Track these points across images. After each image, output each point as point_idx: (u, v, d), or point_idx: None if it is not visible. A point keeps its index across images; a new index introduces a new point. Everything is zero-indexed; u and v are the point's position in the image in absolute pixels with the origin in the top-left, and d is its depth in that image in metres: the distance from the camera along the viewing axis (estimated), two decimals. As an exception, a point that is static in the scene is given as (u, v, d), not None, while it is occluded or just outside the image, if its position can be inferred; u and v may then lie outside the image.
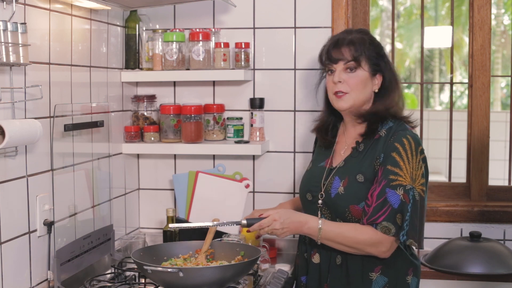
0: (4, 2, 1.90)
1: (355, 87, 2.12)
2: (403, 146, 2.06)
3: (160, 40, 2.76)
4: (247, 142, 2.75)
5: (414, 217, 2.03)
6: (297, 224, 2.06)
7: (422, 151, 2.09)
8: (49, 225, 2.14)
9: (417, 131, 2.20)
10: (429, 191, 2.94)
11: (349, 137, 2.22)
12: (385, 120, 2.14)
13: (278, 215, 2.05)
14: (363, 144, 2.15)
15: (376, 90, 2.16)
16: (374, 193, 2.04)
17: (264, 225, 2.05)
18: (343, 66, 2.13)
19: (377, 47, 2.17)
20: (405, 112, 2.19)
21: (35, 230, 2.11)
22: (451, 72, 3.31)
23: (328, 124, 2.28)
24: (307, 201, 2.23)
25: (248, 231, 2.14)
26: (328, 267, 2.14)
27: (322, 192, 2.16)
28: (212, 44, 2.75)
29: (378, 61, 2.14)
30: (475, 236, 2.65)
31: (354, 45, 2.12)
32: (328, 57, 2.16)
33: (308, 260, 2.20)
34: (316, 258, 2.17)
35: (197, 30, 2.75)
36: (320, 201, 2.16)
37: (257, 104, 2.79)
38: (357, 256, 2.08)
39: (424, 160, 2.09)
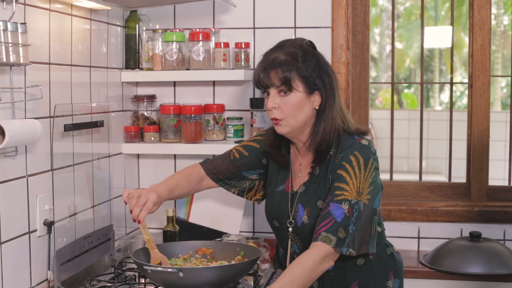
0: (4, 2, 1.90)
1: (289, 113, 1.98)
2: (350, 163, 1.96)
3: (160, 40, 2.76)
4: (247, 142, 2.75)
5: (358, 229, 1.93)
6: None
7: (372, 163, 1.98)
8: (49, 225, 2.14)
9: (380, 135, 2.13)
10: (429, 191, 2.98)
11: (303, 156, 2.12)
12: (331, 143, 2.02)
13: None
14: (318, 167, 2.06)
15: (317, 107, 2.01)
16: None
17: None
18: (276, 90, 1.98)
19: (313, 60, 1.99)
20: (351, 125, 2.05)
21: (35, 230, 2.11)
22: (451, 72, 3.31)
23: (280, 141, 2.12)
24: (275, 227, 2.16)
25: None
26: None
27: (291, 219, 2.08)
28: (212, 44, 2.75)
29: (314, 79, 1.98)
30: (475, 236, 2.65)
31: (282, 66, 1.95)
32: (260, 83, 2.01)
33: None
34: None
35: (197, 30, 2.75)
36: (290, 229, 2.09)
37: (257, 104, 2.79)
38: (333, 277, 2.03)
39: (375, 170, 1.99)
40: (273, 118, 2.02)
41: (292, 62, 1.97)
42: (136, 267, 2.20)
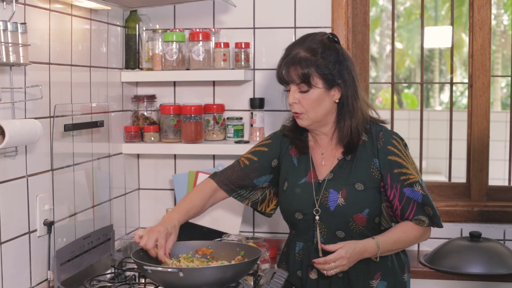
0: (4, 2, 1.90)
1: (309, 108, 2.05)
2: (395, 147, 2.09)
3: (160, 40, 2.76)
4: (247, 142, 2.75)
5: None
6: (359, 255, 2.00)
7: (406, 146, 2.14)
8: (49, 225, 2.14)
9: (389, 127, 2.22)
10: (429, 191, 2.96)
11: (324, 146, 2.16)
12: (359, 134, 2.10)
13: (345, 251, 1.96)
14: (349, 153, 2.12)
15: (337, 101, 2.07)
16: (395, 199, 2.06)
17: (330, 261, 1.95)
18: (296, 87, 2.04)
19: (332, 55, 2.03)
20: (373, 115, 2.16)
21: (35, 230, 2.11)
22: (451, 72, 3.31)
23: (300, 128, 2.16)
24: (296, 220, 2.16)
25: (313, 262, 2.01)
26: (330, 282, 2.10)
27: (317, 208, 2.10)
28: (212, 44, 2.75)
29: (333, 75, 2.02)
30: (475, 236, 2.65)
31: (301, 63, 2.01)
32: (280, 78, 2.08)
33: (303, 277, 2.15)
34: (313, 274, 2.12)
35: (197, 30, 2.75)
36: (317, 217, 2.10)
37: (257, 104, 2.79)
38: (358, 266, 2.06)
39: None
40: (294, 111, 2.09)
41: (311, 59, 2.02)
42: (136, 267, 2.20)
